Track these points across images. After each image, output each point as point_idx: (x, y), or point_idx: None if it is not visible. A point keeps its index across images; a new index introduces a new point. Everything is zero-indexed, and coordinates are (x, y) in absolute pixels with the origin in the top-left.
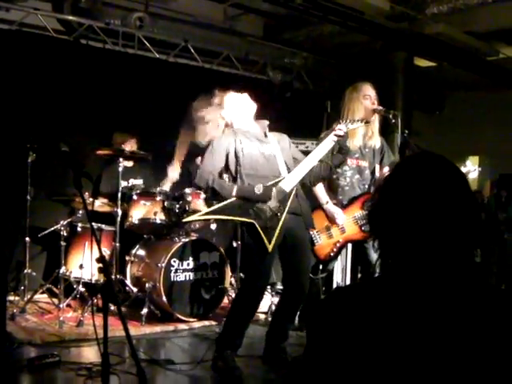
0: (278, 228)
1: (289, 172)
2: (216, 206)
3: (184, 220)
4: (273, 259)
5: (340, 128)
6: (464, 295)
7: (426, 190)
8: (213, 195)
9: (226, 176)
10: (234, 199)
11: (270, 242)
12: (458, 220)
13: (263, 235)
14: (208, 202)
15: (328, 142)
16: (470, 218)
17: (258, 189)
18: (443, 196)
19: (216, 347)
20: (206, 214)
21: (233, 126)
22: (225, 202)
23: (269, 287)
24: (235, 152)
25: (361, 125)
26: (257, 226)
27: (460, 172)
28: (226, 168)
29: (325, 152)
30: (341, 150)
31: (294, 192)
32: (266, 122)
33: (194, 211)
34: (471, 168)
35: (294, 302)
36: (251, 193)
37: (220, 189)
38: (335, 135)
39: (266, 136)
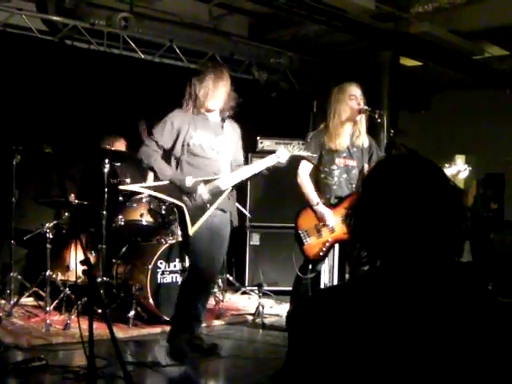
0: (205, 216)
1: (231, 171)
2: (155, 183)
3: (120, 187)
4: (212, 246)
5: (280, 155)
6: (448, 295)
7: (404, 189)
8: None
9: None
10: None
11: (192, 225)
12: (439, 219)
13: (188, 219)
14: None
15: (269, 161)
16: (451, 217)
17: (189, 180)
18: (422, 195)
19: (170, 332)
20: (144, 187)
21: (199, 106)
22: (164, 182)
23: (256, 288)
24: (184, 138)
25: (305, 154)
26: (185, 210)
27: (440, 170)
28: (172, 148)
29: (263, 168)
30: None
31: (228, 191)
32: (227, 113)
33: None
34: (461, 167)
35: (207, 291)
36: (181, 182)
37: (158, 171)
38: (274, 159)
39: (222, 127)
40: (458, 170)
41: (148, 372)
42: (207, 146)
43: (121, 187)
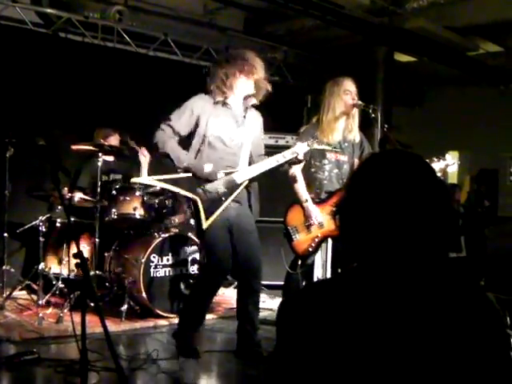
0: (219, 210)
1: (250, 164)
2: (168, 176)
3: (132, 180)
4: (227, 242)
5: (298, 150)
6: (435, 290)
7: (391, 185)
8: (163, 158)
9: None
10: (187, 174)
11: (206, 219)
12: (427, 215)
13: (202, 213)
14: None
15: (286, 156)
16: (438, 212)
17: (208, 167)
18: (409, 190)
19: (178, 328)
20: (157, 180)
21: (226, 93)
22: (178, 175)
23: None
24: (205, 128)
25: (327, 148)
26: (199, 203)
27: (428, 166)
28: (190, 137)
29: (281, 162)
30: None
31: (244, 184)
32: (252, 101)
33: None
34: (450, 162)
35: (250, 291)
36: (200, 170)
37: (174, 157)
38: (292, 152)
39: (244, 117)
40: (447, 164)
41: (140, 366)
42: (227, 138)
43: (132, 180)
